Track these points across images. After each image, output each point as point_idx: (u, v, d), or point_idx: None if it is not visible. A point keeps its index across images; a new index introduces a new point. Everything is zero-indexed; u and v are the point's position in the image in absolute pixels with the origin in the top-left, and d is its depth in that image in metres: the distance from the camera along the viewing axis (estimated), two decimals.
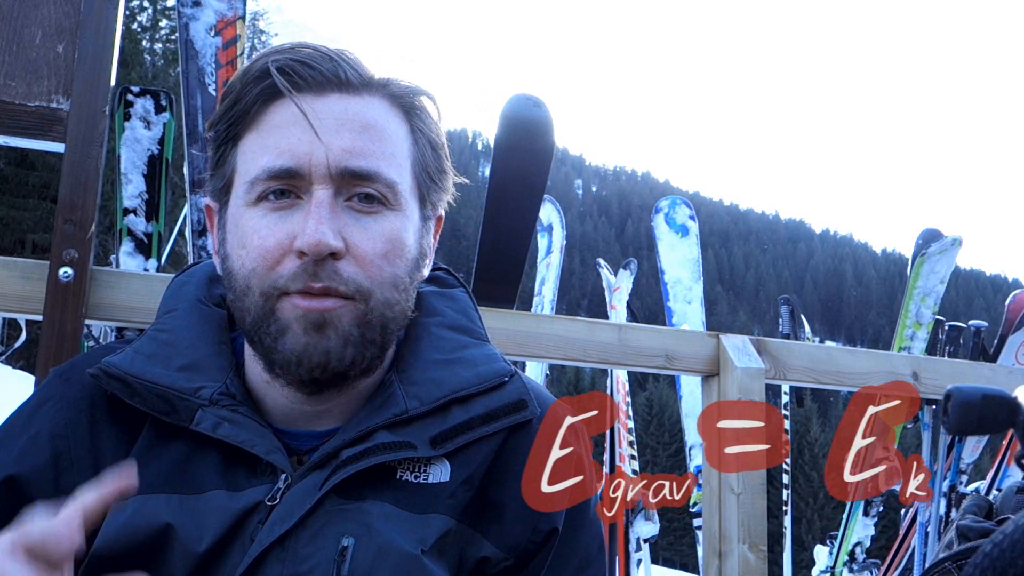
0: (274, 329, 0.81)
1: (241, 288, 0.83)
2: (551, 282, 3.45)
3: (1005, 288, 74.01)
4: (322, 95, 0.83)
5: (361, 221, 0.83)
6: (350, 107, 0.83)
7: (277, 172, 0.81)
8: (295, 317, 0.81)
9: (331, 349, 0.81)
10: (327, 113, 0.82)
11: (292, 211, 0.82)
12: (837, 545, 3.32)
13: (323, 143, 0.81)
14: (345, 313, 0.81)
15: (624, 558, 3.36)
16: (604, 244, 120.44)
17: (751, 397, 1.82)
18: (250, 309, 0.82)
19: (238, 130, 0.85)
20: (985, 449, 3.32)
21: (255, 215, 0.82)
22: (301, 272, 0.80)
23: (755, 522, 1.78)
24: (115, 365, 0.86)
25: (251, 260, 0.82)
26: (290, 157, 0.81)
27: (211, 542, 0.79)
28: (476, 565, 0.85)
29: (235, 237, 0.84)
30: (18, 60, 1.40)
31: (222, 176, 0.87)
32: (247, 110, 0.83)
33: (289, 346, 0.81)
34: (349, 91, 0.84)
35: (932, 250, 2.69)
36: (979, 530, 1.14)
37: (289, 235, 0.81)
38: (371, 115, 0.84)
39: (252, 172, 0.83)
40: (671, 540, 27.93)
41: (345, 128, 0.82)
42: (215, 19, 1.73)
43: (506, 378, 0.91)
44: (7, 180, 21.86)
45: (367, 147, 0.83)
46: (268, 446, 0.83)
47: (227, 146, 0.86)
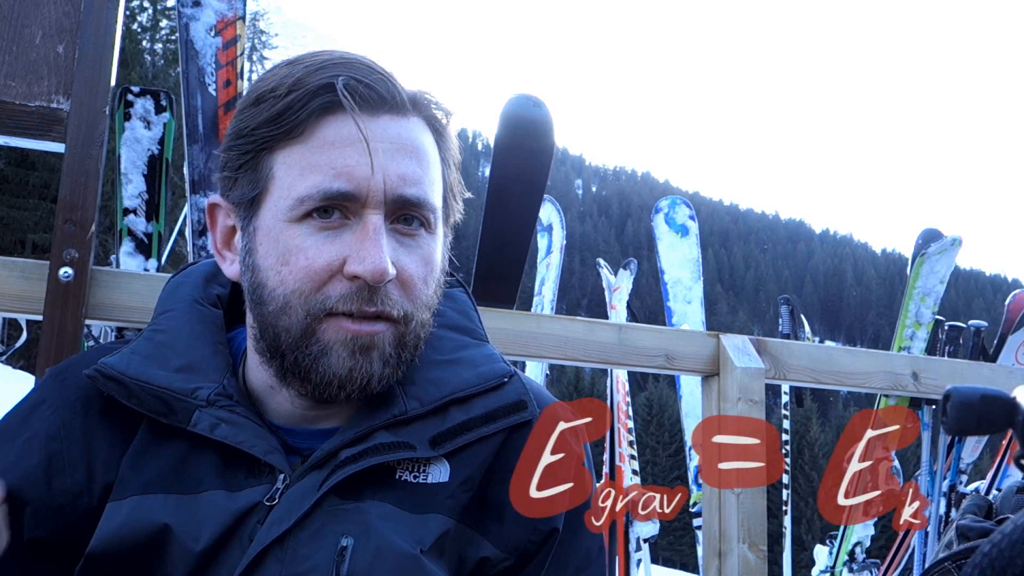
0: (315, 350, 0.81)
1: (278, 306, 0.81)
2: (551, 282, 3.45)
3: (1005, 288, 73.97)
4: (376, 116, 0.81)
5: (405, 245, 0.83)
6: (402, 131, 0.83)
7: (333, 195, 0.79)
8: (340, 340, 0.80)
9: (374, 371, 0.82)
10: (382, 136, 0.81)
11: (341, 231, 0.81)
12: (837, 545, 3.32)
13: (381, 169, 0.80)
14: (388, 335, 0.82)
15: (624, 558, 3.36)
16: (604, 244, 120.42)
17: (751, 397, 1.82)
18: (288, 328, 0.81)
19: (279, 141, 0.82)
20: (985, 449, 3.32)
21: (300, 232, 0.80)
22: (354, 295, 0.80)
23: (755, 522, 1.78)
24: (111, 366, 0.86)
25: (295, 280, 0.80)
26: (347, 180, 0.79)
27: (209, 542, 0.79)
28: (476, 565, 0.85)
29: (272, 252, 0.82)
30: (18, 60, 1.40)
31: (252, 184, 0.84)
32: (297, 124, 0.80)
33: (333, 368, 0.81)
34: (399, 113, 0.83)
35: (932, 250, 2.69)
36: (979, 530, 1.14)
37: (339, 256, 0.80)
38: (418, 139, 0.84)
39: (301, 189, 0.80)
40: (671, 540, 27.93)
41: (399, 153, 0.82)
42: (215, 19, 1.73)
43: (506, 378, 0.91)
44: (7, 180, 21.86)
45: (417, 173, 0.83)
46: (266, 446, 0.83)
47: (261, 154, 0.83)
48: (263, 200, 0.83)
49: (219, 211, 0.90)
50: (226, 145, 0.86)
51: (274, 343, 0.83)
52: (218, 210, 0.90)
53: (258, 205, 0.84)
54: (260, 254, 0.83)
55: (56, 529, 0.83)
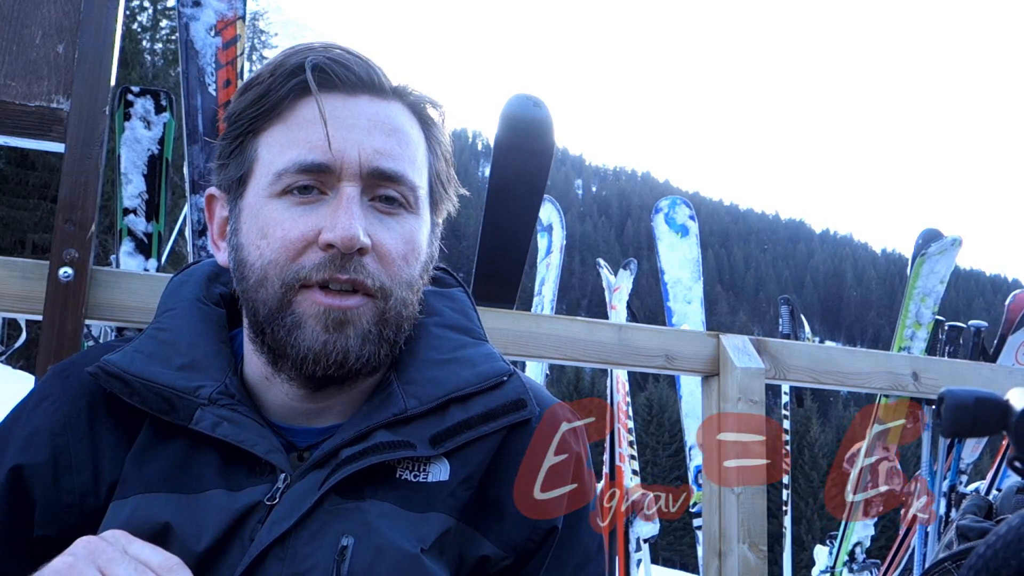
0: (289, 321, 0.82)
1: (257, 278, 0.83)
2: (551, 282, 3.45)
3: (1005, 288, 73.95)
4: (354, 96, 0.84)
5: (384, 221, 0.84)
6: (380, 110, 0.85)
7: (308, 166, 0.82)
8: (313, 313, 0.81)
9: (350, 347, 0.82)
10: (360, 113, 0.84)
11: (317, 205, 0.82)
12: (837, 545, 3.32)
13: (356, 142, 0.82)
14: (366, 311, 0.82)
15: (624, 558, 3.36)
16: (604, 244, 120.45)
17: (751, 397, 1.82)
18: (265, 300, 0.83)
19: (263, 122, 0.85)
20: (985, 449, 3.32)
21: (278, 207, 0.83)
22: (327, 263, 0.81)
23: (755, 522, 1.78)
24: (114, 364, 0.86)
25: (272, 251, 0.82)
26: (322, 152, 0.82)
27: (210, 541, 0.79)
28: (476, 564, 0.85)
29: (253, 227, 0.84)
30: (18, 60, 1.40)
31: (239, 166, 0.87)
32: (276, 103, 0.84)
33: (306, 342, 0.81)
34: (379, 95, 0.86)
35: (932, 250, 2.69)
36: (978, 530, 1.14)
37: (314, 228, 0.81)
38: (398, 120, 0.86)
39: (279, 164, 0.83)
40: (671, 540, 27.93)
41: (376, 129, 0.84)
42: (215, 19, 1.73)
43: (505, 377, 0.91)
44: (7, 180, 21.87)
45: (395, 150, 0.84)
46: (267, 446, 0.83)
47: (247, 137, 0.86)
48: (248, 181, 0.86)
49: (216, 203, 0.93)
50: (220, 137, 0.90)
51: (254, 318, 0.84)
52: (215, 201, 0.93)
53: (244, 186, 0.86)
54: (243, 232, 0.85)
55: (64, 527, 0.84)
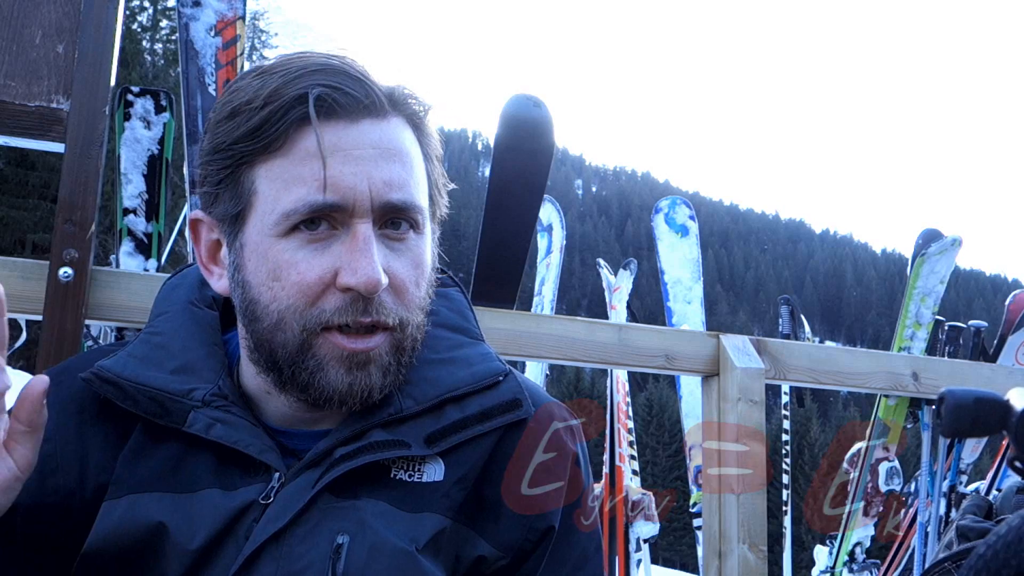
0: (311, 365, 0.81)
1: (272, 322, 0.81)
2: (551, 282, 3.45)
3: (1005, 288, 73.94)
4: (356, 122, 0.80)
5: (395, 250, 0.82)
6: (383, 134, 0.81)
7: (320, 207, 0.78)
8: (335, 356, 0.80)
9: (374, 383, 0.82)
10: (364, 142, 0.80)
11: (329, 243, 0.80)
12: (837, 545, 3.32)
13: (365, 175, 0.79)
14: (385, 346, 0.82)
15: (624, 558, 3.36)
16: (604, 244, 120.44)
17: (751, 397, 1.82)
18: (284, 344, 0.81)
19: (259, 155, 0.80)
20: (985, 449, 3.32)
21: (288, 247, 0.79)
22: (348, 307, 0.79)
23: (755, 522, 1.78)
24: (108, 369, 0.86)
25: (288, 296, 0.79)
26: (333, 191, 0.78)
27: (204, 540, 0.79)
28: (472, 564, 0.85)
29: (262, 268, 0.81)
30: (18, 60, 1.40)
31: (235, 200, 0.82)
32: (278, 135, 0.79)
33: (331, 384, 0.81)
34: (378, 115, 0.82)
35: (932, 250, 2.69)
36: (978, 530, 1.14)
37: (330, 269, 0.79)
38: (399, 140, 0.83)
39: (286, 204, 0.79)
40: (671, 540, 27.92)
41: (382, 159, 0.80)
42: (215, 19, 1.73)
43: (500, 377, 0.91)
44: (7, 180, 21.87)
45: (402, 176, 0.81)
46: (261, 446, 0.83)
47: (242, 168, 0.81)
48: (248, 216, 0.82)
49: (202, 226, 0.89)
50: (203, 160, 0.84)
51: (270, 357, 0.82)
52: (201, 225, 0.89)
53: (243, 221, 0.82)
54: (249, 270, 0.82)
55: (49, 527, 0.84)
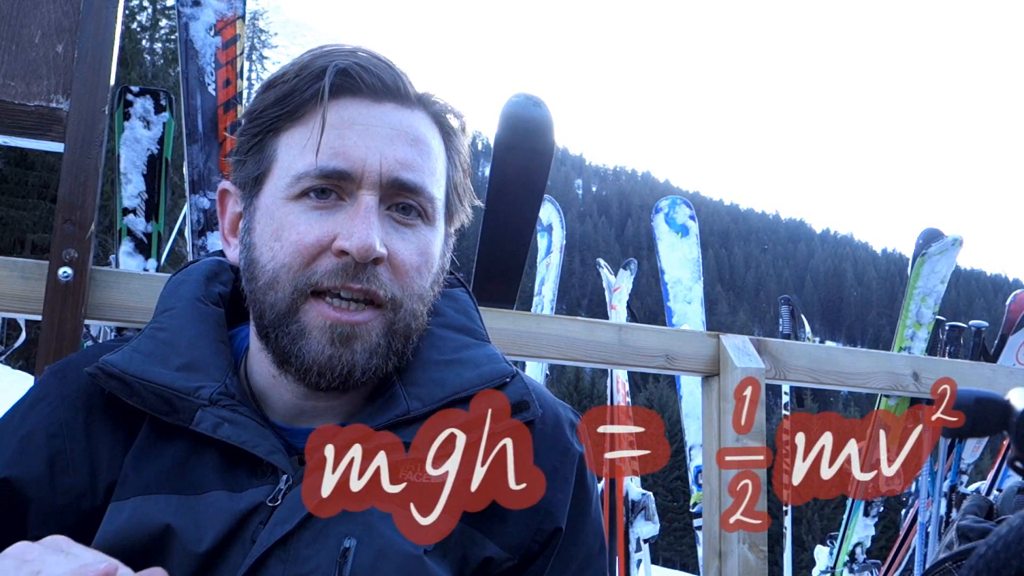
0: (294, 330, 0.81)
1: (267, 280, 0.83)
2: (551, 282, 3.45)
3: (1006, 288, 73.89)
4: (379, 102, 0.84)
5: (400, 232, 0.84)
6: (404, 119, 0.84)
7: (329, 172, 0.81)
8: (319, 325, 0.81)
9: (356, 362, 0.82)
10: (383, 121, 0.83)
11: (334, 211, 0.82)
12: (837, 545, 3.32)
13: (377, 150, 0.81)
14: (375, 324, 0.82)
15: (624, 558, 3.36)
16: (604, 244, 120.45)
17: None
18: (274, 304, 0.82)
19: (284, 122, 0.84)
20: (986, 449, 3.32)
21: (295, 210, 0.82)
22: (340, 271, 0.80)
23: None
24: (113, 364, 0.85)
25: (285, 254, 0.82)
26: (344, 160, 0.81)
27: (212, 543, 0.79)
28: (480, 565, 0.85)
29: (268, 228, 0.83)
30: (17, 60, 1.39)
31: (256, 164, 0.86)
32: (300, 105, 0.83)
33: (311, 354, 0.81)
34: (403, 103, 0.85)
35: (932, 250, 2.69)
36: (979, 530, 1.14)
37: (329, 233, 0.81)
38: (421, 130, 0.86)
39: (300, 167, 0.82)
40: (671, 540, 27.92)
41: (399, 139, 0.83)
42: (215, 19, 1.73)
43: (507, 379, 0.91)
44: (6, 180, 21.89)
45: (417, 161, 0.84)
46: (269, 447, 0.83)
47: (267, 136, 0.85)
48: (265, 180, 0.85)
49: (228, 197, 0.92)
50: (239, 131, 0.89)
51: (260, 320, 0.84)
52: (228, 196, 0.92)
53: (260, 185, 0.86)
54: (257, 232, 0.85)
55: (59, 528, 0.83)
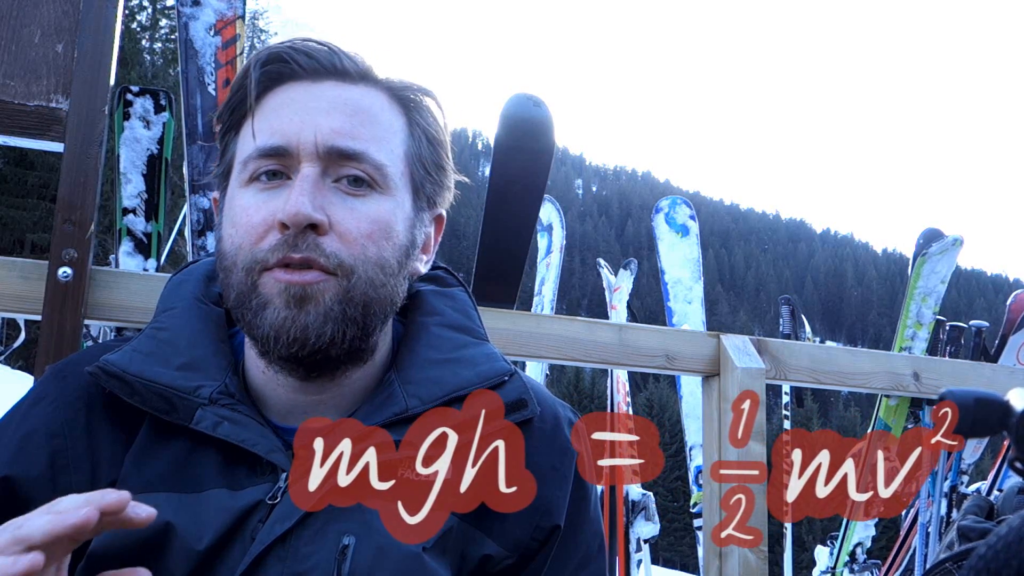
0: (255, 303, 0.82)
1: (228, 264, 0.84)
2: (551, 282, 3.44)
3: (1006, 288, 73.93)
4: (318, 82, 0.86)
5: (348, 201, 0.83)
6: (343, 93, 0.86)
7: (267, 150, 0.83)
8: (276, 291, 0.81)
9: (309, 324, 0.81)
10: (320, 97, 0.85)
11: (280, 190, 0.83)
12: (838, 545, 3.32)
13: (312, 123, 0.83)
14: (327, 288, 0.81)
15: (624, 558, 3.36)
16: (604, 244, 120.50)
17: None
18: (235, 285, 0.83)
19: (238, 118, 0.87)
20: (986, 450, 3.32)
21: (247, 195, 0.84)
22: (282, 244, 0.81)
23: (755, 522, 1.77)
24: (113, 363, 0.85)
25: (238, 236, 0.83)
26: (280, 136, 0.83)
27: (211, 541, 0.79)
28: (479, 563, 0.85)
29: (228, 218, 0.86)
30: (17, 59, 1.39)
31: (224, 163, 0.89)
32: (244, 98, 0.86)
33: (269, 320, 0.81)
34: (346, 80, 0.87)
35: (933, 250, 2.69)
36: (980, 531, 1.14)
37: (273, 213, 0.82)
38: (364, 102, 0.86)
39: (245, 152, 0.85)
40: (671, 540, 27.93)
41: (336, 110, 0.84)
42: (215, 18, 1.73)
43: (506, 377, 0.91)
44: (6, 180, 21.89)
45: (356, 129, 0.84)
46: (269, 445, 0.83)
47: (230, 135, 0.88)
48: (229, 176, 0.88)
49: (216, 205, 0.94)
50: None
51: (232, 305, 0.85)
52: (216, 203, 0.94)
53: (226, 181, 0.88)
54: (223, 225, 0.87)
55: None
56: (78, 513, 0.65)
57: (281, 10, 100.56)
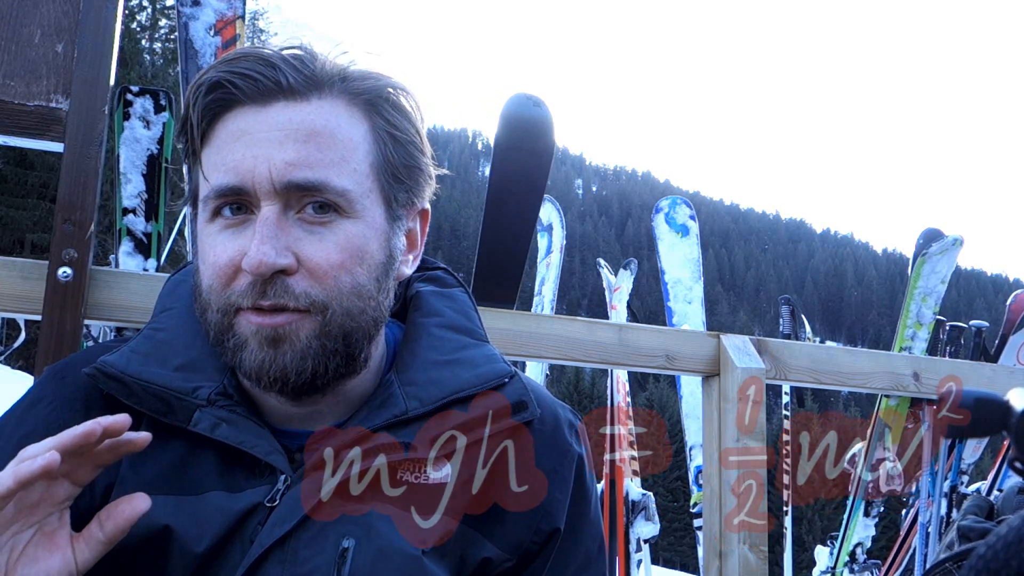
0: (232, 344, 0.81)
1: (203, 303, 0.83)
2: (551, 282, 3.44)
3: (1006, 288, 73.91)
4: (267, 105, 0.80)
5: (315, 233, 0.80)
6: (295, 116, 0.80)
7: (224, 191, 0.80)
8: (251, 332, 0.80)
9: (287, 364, 0.79)
10: (270, 125, 0.80)
11: (244, 227, 0.80)
12: (838, 545, 3.32)
13: (265, 158, 0.78)
14: (302, 327, 0.79)
15: (624, 558, 3.36)
16: (604, 244, 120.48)
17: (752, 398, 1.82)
18: (212, 324, 0.82)
19: (195, 145, 0.84)
20: (986, 450, 3.32)
21: (212, 231, 0.82)
22: (249, 290, 0.79)
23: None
24: (111, 364, 0.85)
25: (208, 277, 0.82)
26: (235, 175, 0.79)
27: (210, 543, 0.79)
28: (478, 566, 0.85)
29: (200, 251, 0.84)
30: (17, 59, 1.39)
31: (191, 191, 0.87)
32: (196, 125, 0.82)
33: (248, 361, 0.80)
34: (295, 97, 0.81)
35: (933, 250, 2.69)
36: (980, 530, 1.14)
37: (240, 252, 0.79)
38: (318, 121, 0.81)
39: (205, 190, 0.82)
40: (671, 540, 27.93)
41: (289, 140, 0.79)
42: (215, 18, 1.73)
43: (506, 379, 0.90)
44: (6, 180, 21.89)
45: (312, 157, 0.79)
46: (267, 447, 0.83)
47: (191, 160, 0.85)
48: (197, 205, 0.86)
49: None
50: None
51: (211, 341, 0.84)
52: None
53: (195, 210, 0.86)
54: (197, 255, 0.86)
55: None
56: (43, 458, 0.68)
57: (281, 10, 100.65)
